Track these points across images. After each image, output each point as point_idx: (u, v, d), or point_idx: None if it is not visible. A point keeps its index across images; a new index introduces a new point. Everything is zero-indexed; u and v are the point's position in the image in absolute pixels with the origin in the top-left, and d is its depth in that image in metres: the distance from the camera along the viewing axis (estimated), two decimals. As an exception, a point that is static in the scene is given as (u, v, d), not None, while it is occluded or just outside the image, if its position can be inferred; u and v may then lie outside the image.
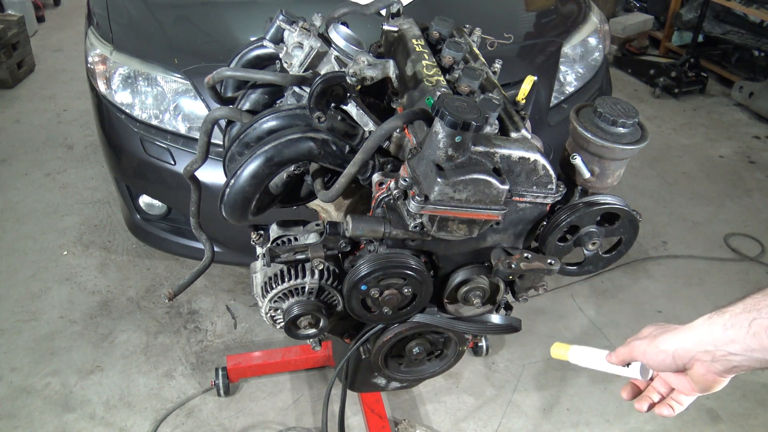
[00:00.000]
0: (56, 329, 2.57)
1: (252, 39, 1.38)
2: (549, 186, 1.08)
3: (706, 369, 0.85)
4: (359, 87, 1.16)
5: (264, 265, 1.24)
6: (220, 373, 2.30)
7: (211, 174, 1.87)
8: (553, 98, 2.57)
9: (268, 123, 1.19)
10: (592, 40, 2.77)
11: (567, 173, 1.18)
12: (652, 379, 1.01)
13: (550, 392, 2.43)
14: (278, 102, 1.32)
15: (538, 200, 1.09)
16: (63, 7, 6.06)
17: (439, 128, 0.95)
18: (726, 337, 0.81)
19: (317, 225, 1.34)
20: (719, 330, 0.82)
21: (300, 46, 1.20)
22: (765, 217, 3.48)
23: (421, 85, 1.15)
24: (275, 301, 1.25)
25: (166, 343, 2.54)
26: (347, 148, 1.16)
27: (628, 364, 1.00)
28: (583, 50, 2.73)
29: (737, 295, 0.84)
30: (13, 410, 2.24)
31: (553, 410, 2.37)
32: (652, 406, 0.99)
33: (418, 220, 1.02)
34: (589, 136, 1.08)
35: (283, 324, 1.25)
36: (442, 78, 1.17)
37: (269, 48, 1.29)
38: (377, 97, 1.32)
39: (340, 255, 1.24)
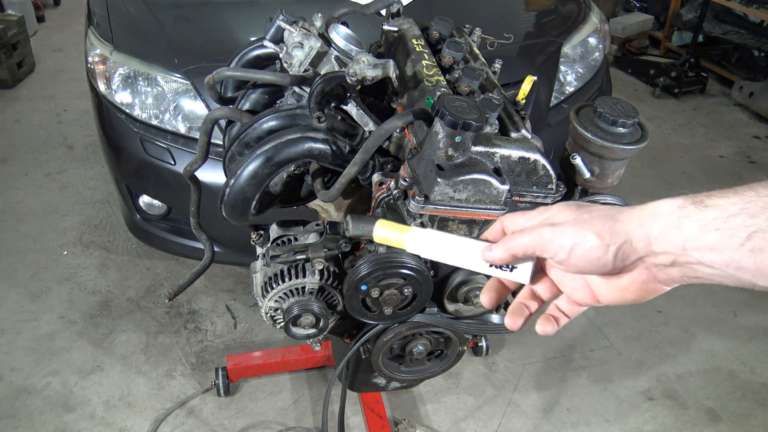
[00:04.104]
0: (56, 329, 2.57)
1: (252, 39, 1.37)
2: (549, 186, 1.08)
3: (652, 275, 0.63)
4: (359, 87, 1.16)
5: (264, 265, 1.25)
6: (220, 373, 2.30)
7: (211, 174, 1.87)
8: (553, 98, 2.57)
9: (268, 123, 1.19)
10: (592, 40, 2.77)
11: (567, 173, 1.17)
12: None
13: (550, 392, 2.43)
14: (278, 102, 1.32)
15: (538, 200, 1.09)
16: (63, 7, 6.06)
17: (439, 128, 0.95)
18: (704, 241, 0.57)
19: (317, 225, 1.34)
20: (695, 229, 0.57)
21: (300, 46, 1.20)
22: (765, 217, 3.48)
23: (421, 85, 1.15)
24: (275, 301, 1.25)
25: (166, 343, 2.54)
26: (347, 148, 1.16)
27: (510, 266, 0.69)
28: (583, 50, 2.73)
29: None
30: (13, 410, 2.24)
31: (553, 410, 2.36)
32: (527, 319, 0.75)
33: (418, 220, 1.02)
34: (589, 136, 1.08)
35: (283, 324, 1.25)
36: (442, 78, 1.17)
37: (269, 48, 1.29)
38: (377, 97, 1.32)
39: (340, 255, 1.24)
